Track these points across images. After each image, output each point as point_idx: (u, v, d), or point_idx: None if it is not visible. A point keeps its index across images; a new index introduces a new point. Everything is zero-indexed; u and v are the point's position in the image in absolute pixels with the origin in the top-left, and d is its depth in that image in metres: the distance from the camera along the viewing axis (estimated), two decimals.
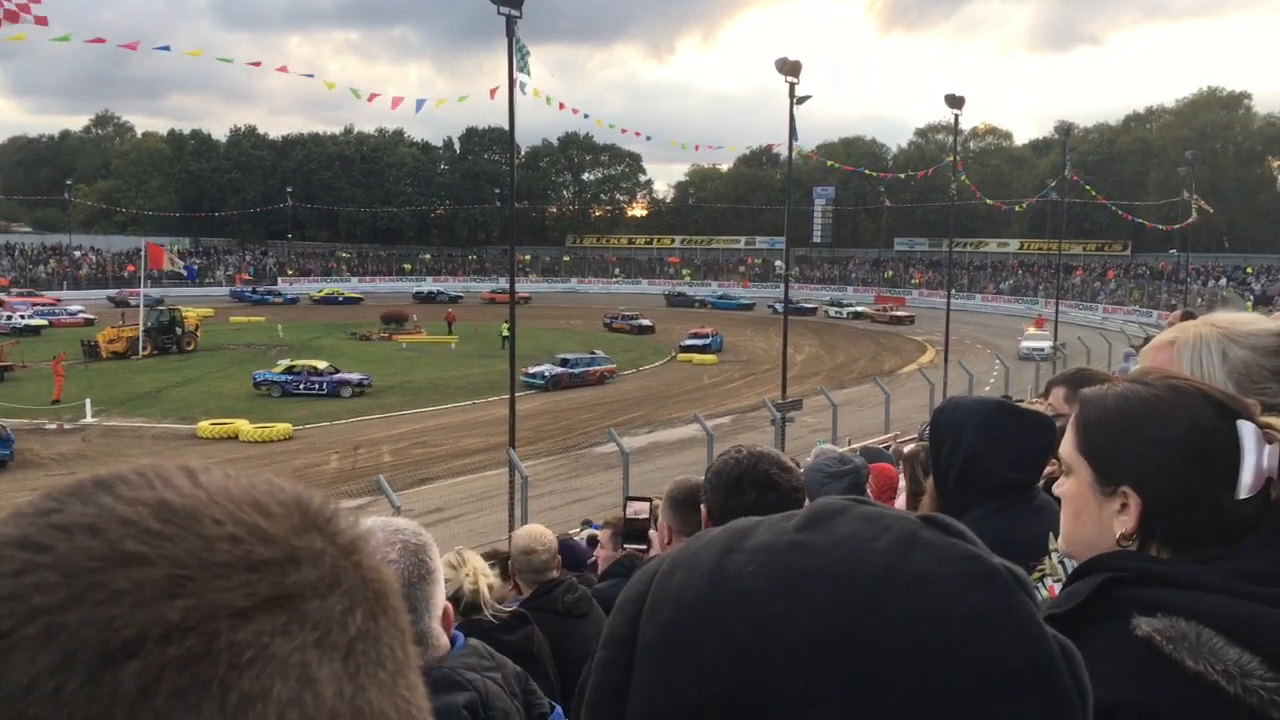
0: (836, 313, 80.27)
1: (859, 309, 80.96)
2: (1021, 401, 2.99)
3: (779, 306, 57.82)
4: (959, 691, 0.63)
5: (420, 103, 34.59)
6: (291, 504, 0.52)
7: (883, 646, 0.64)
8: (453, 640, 1.75)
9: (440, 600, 1.72)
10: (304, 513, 0.52)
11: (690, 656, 0.67)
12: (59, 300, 73.56)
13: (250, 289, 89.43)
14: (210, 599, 0.45)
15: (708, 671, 0.66)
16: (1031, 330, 57.95)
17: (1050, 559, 2.40)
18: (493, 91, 21.78)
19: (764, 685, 0.65)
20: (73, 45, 35.82)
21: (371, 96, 34.33)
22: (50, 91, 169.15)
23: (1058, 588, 1.88)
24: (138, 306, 56.53)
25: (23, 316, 62.90)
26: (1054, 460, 2.65)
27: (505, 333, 54.54)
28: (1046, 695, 0.66)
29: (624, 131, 42.97)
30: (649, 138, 46.42)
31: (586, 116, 39.72)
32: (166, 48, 34.75)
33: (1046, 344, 47.87)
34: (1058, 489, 1.57)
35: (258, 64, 30.39)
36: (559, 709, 2.03)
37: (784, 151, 36.40)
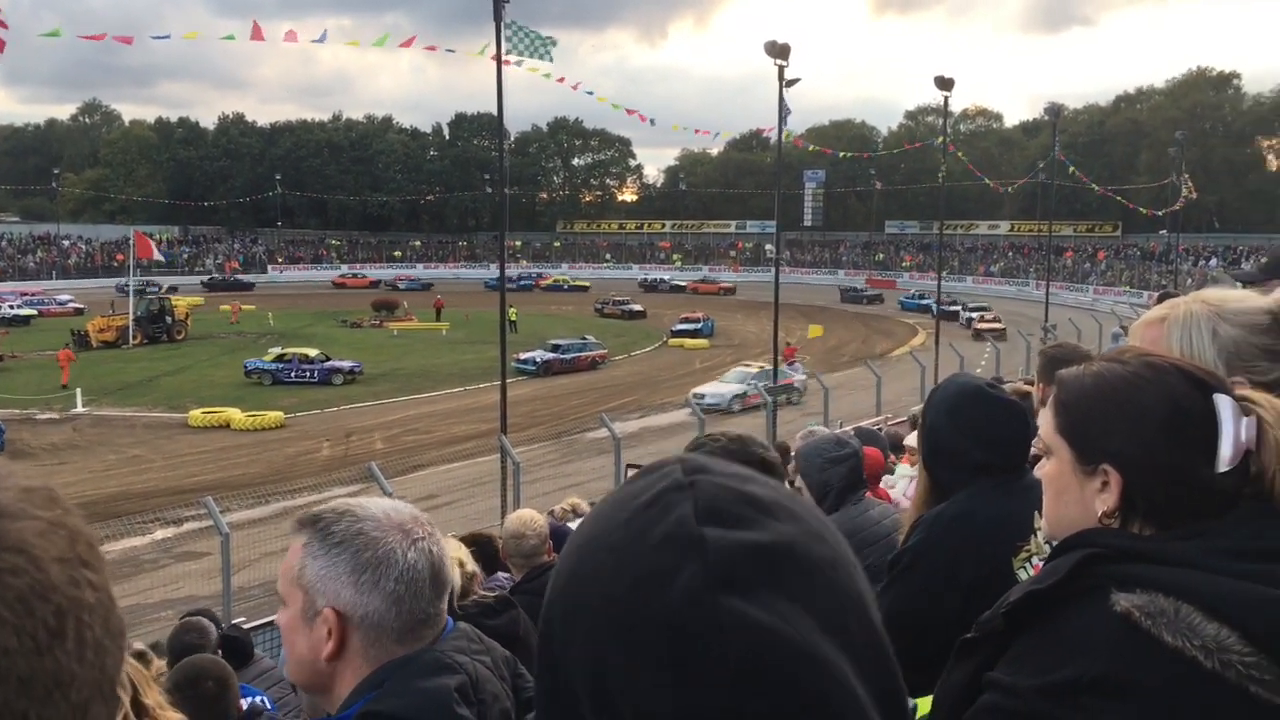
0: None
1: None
2: (1006, 383, 3.01)
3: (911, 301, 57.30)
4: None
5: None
6: None
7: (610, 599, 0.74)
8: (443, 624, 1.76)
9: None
10: None
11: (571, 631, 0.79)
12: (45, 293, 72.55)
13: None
14: None
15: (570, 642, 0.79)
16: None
17: (1036, 538, 2.42)
18: (496, 57, 21.57)
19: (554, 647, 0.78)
20: (66, 30, 35.55)
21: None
22: (39, 80, 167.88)
23: (1043, 565, 1.90)
24: (152, 294, 56.53)
25: (11, 306, 62.68)
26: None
27: (513, 317, 55.02)
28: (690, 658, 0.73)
29: (630, 113, 42.57)
30: (652, 121, 46.02)
31: (590, 94, 39.41)
32: (166, 36, 34.55)
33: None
34: (1039, 471, 1.58)
35: (260, 38, 30.11)
36: None
37: (774, 135, 36.24)
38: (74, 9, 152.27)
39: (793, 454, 4.89)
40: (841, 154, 75.03)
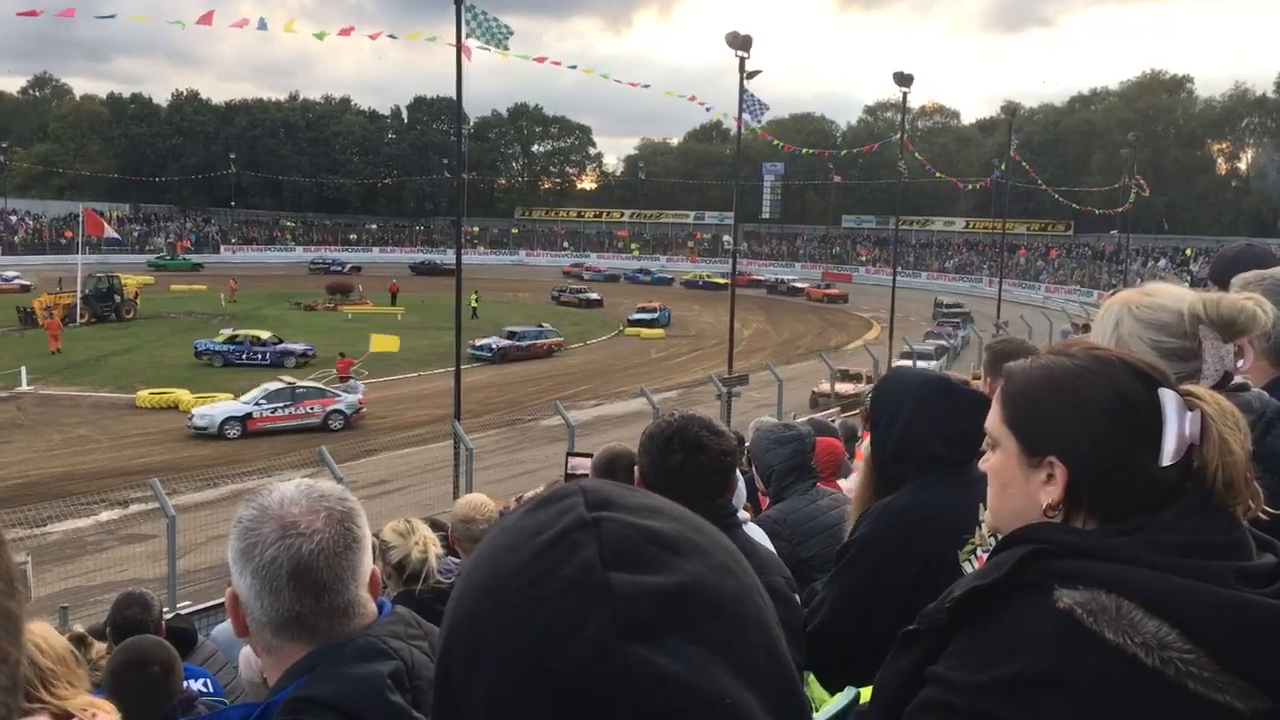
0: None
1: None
2: (966, 382, 3.01)
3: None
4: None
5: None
6: None
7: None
8: (380, 607, 1.72)
9: (367, 567, 1.69)
10: None
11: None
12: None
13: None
14: None
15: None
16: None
17: (980, 531, 2.42)
18: (465, 50, 21.38)
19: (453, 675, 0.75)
20: (8, 3, 34.57)
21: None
22: None
23: (988, 558, 1.90)
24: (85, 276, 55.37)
25: None
26: None
27: (475, 303, 54.75)
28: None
29: (634, 85, 42.34)
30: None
31: (605, 76, 39.07)
32: (112, 16, 33.76)
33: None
34: (983, 464, 1.58)
35: (208, 21, 29.51)
36: None
37: (733, 127, 36.30)
38: None
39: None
40: (804, 150, 75.31)
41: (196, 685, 4.41)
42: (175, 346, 43.39)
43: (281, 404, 30.17)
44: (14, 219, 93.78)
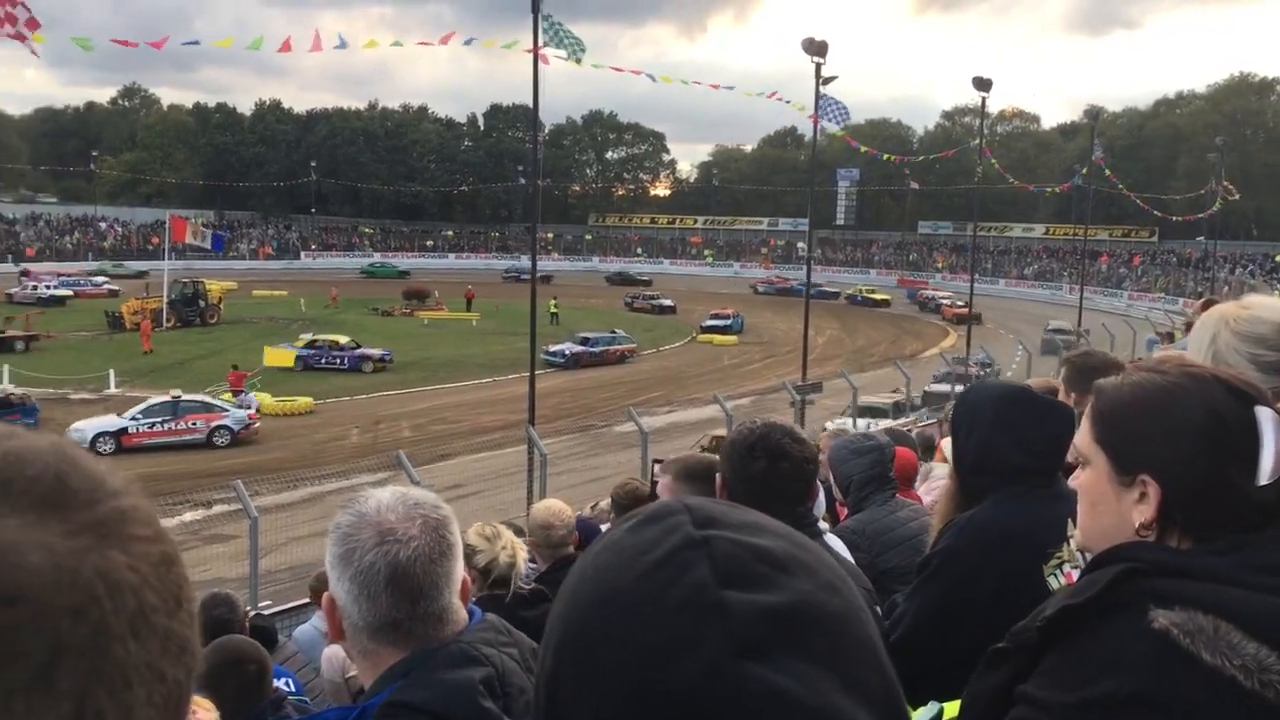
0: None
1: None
2: (1050, 393, 2.97)
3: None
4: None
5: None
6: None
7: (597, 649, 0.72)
8: (470, 614, 1.76)
9: (460, 574, 1.73)
10: (8, 498, 0.51)
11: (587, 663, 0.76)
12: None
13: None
14: None
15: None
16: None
17: (1068, 546, 2.39)
18: (533, 50, 21.54)
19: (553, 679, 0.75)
20: (106, 17, 35.74)
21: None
22: (83, 63, 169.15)
23: (1075, 574, 1.88)
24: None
25: (48, 287, 63.35)
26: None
27: (554, 309, 55.24)
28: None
29: (714, 87, 42.13)
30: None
31: (685, 83, 38.91)
32: (196, 42, 34.65)
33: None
34: (1073, 481, 1.56)
35: (288, 49, 30.17)
36: None
37: (808, 133, 36.12)
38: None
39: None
40: (885, 156, 74.45)
41: (280, 684, 4.52)
42: (256, 351, 44.36)
43: (161, 419, 28.92)
44: (103, 225, 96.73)
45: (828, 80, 32.34)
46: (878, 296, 77.93)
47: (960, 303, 63.08)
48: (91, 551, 0.51)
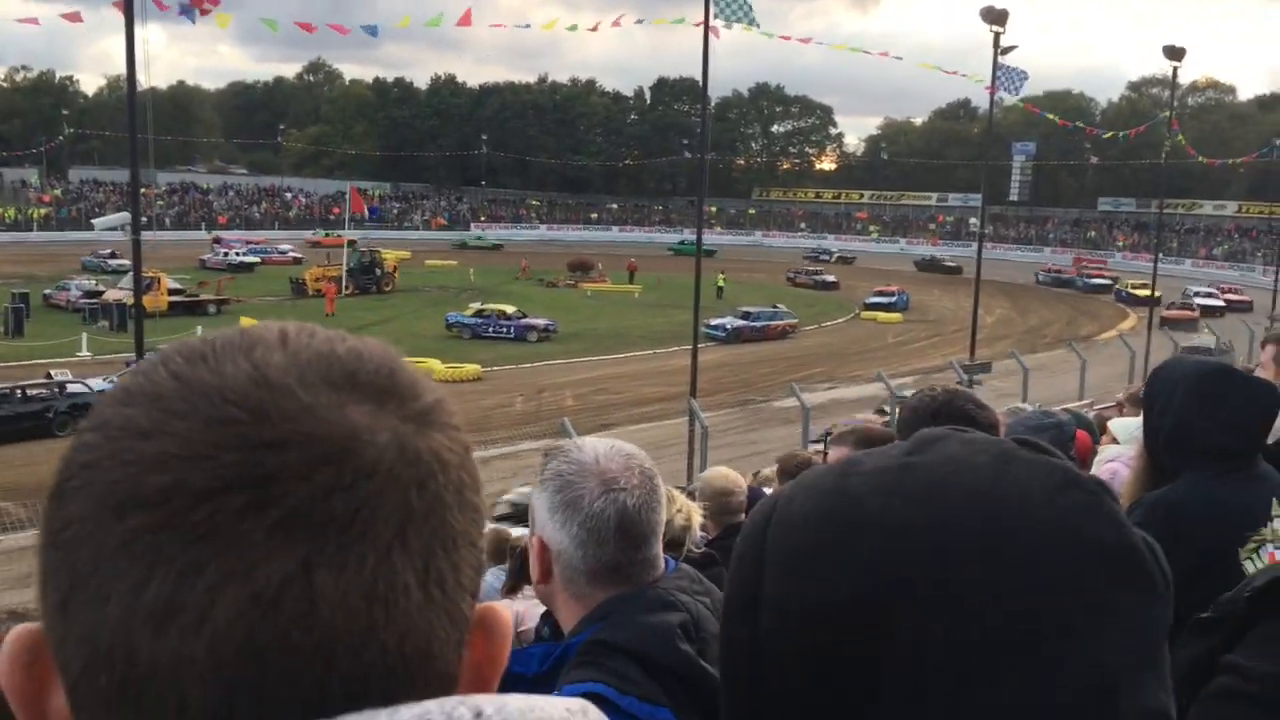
0: None
1: None
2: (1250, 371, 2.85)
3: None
4: (1065, 579, 0.71)
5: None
6: (339, 380, 0.57)
7: (993, 545, 0.72)
8: (665, 564, 1.84)
9: (663, 525, 1.80)
10: (355, 388, 0.57)
11: (816, 567, 0.75)
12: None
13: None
14: (182, 478, 0.51)
15: (833, 581, 0.74)
16: None
17: (1271, 525, 2.30)
18: (713, 30, 21.60)
19: (889, 592, 0.72)
20: (288, 7, 37.47)
21: None
22: (272, 40, 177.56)
23: (1279, 554, 1.83)
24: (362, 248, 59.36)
25: (238, 254, 66.98)
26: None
27: (721, 283, 55.32)
28: (1138, 576, 0.73)
29: (884, 55, 41.23)
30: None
31: (855, 51, 38.40)
32: (374, 27, 35.80)
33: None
34: None
35: (467, 21, 31.01)
36: None
37: (982, 105, 35.02)
38: None
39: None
40: (1075, 124, 70.90)
41: None
42: (428, 319, 45.86)
43: None
44: (289, 196, 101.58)
45: (1006, 50, 31.25)
46: (1142, 292, 66.89)
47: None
48: (420, 435, 0.58)
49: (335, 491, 0.53)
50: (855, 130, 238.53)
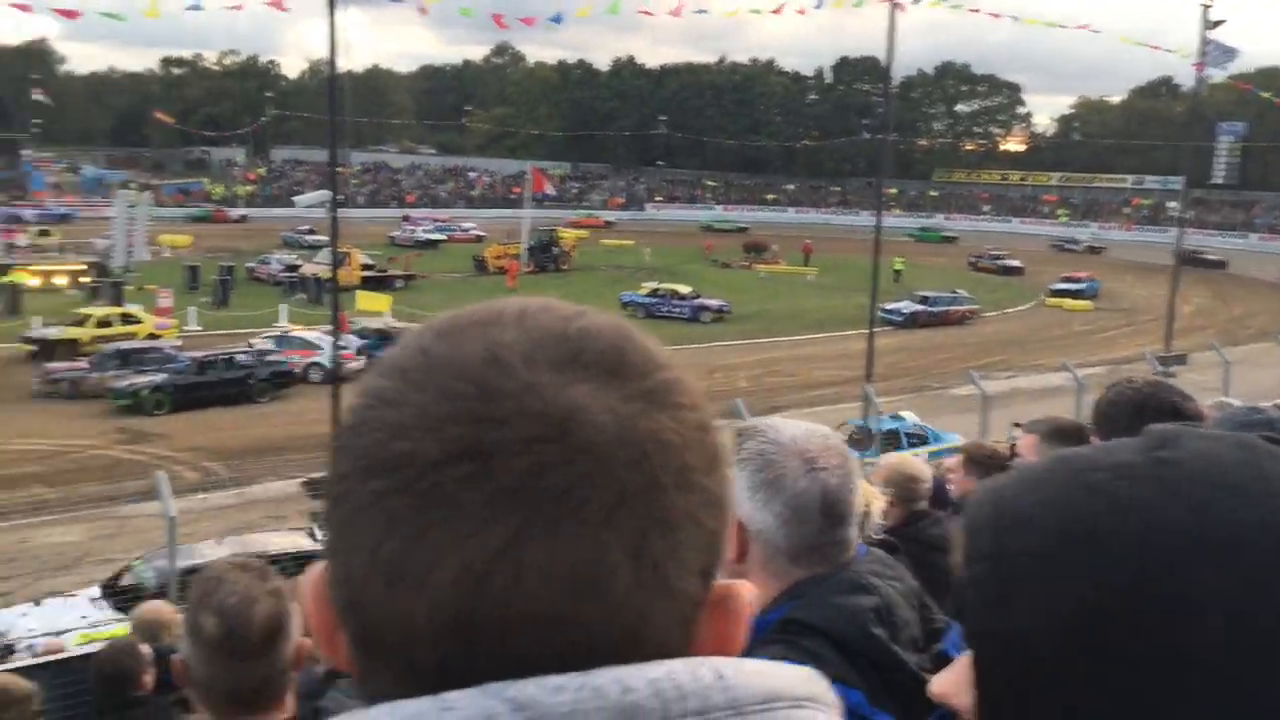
0: None
1: None
2: None
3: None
4: None
5: None
6: (564, 359, 0.59)
7: (1264, 541, 0.70)
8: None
9: (859, 508, 1.81)
10: (581, 367, 0.59)
11: (1074, 564, 0.72)
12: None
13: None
14: (416, 447, 0.56)
15: (1096, 578, 0.71)
16: None
17: None
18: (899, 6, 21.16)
19: (1146, 589, 0.70)
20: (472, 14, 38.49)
21: None
22: (462, 23, 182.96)
23: None
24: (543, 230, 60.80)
25: (425, 231, 69.45)
26: None
27: (899, 267, 54.19)
28: None
29: (1081, 28, 39.47)
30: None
31: (1050, 24, 36.95)
32: (558, 17, 36.36)
33: None
34: None
35: (649, 13, 31.38)
36: (955, 625, 2.06)
37: (1185, 82, 33.11)
38: None
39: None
40: None
41: None
42: (604, 298, 46.48)
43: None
44: (473, 175, 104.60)
45: (1215, 24, 29.45)
46: None
47: None
48: (643, 415, 0.58)
49: (549, 468, 0.55)
50: (1044, 110, 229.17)
